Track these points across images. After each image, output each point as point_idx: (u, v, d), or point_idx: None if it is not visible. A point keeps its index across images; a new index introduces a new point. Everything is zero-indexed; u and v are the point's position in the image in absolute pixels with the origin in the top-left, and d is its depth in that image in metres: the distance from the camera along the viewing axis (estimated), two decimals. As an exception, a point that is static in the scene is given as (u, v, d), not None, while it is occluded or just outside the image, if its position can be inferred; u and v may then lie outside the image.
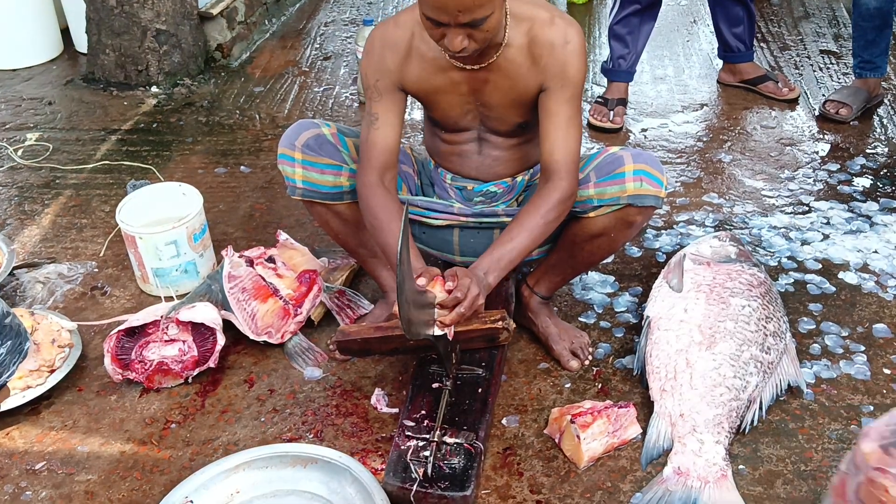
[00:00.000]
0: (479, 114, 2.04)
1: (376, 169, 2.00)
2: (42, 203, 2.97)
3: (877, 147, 3.13)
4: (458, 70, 1.94)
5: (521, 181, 2.15)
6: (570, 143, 1.92)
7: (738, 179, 2.98)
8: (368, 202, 1.99)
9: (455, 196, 2.18)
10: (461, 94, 1.99)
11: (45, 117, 3.51)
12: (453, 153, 2.13)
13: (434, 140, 2.17)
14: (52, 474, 1.98)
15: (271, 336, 2.27)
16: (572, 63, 1.90)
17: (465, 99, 2.00)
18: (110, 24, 3.60)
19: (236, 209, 2.90)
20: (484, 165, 2.12)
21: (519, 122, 2.03)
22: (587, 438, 1.92)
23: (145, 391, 2.18)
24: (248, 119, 3.47)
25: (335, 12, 4.45)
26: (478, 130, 2.08)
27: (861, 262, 2.57)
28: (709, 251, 2.32)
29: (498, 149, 2.10)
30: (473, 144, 2.11)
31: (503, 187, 2.15)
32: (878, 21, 3.11)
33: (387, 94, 1.99)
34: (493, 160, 2.11)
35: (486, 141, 2.09)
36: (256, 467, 1.89)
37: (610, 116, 3.28)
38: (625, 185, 1.96)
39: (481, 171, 2.13)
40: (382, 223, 1.96)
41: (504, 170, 2.13)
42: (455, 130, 2.09)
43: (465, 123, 2.06)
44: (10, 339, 1.13)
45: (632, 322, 2.37)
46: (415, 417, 1.97)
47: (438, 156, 2.18)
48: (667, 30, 4.04)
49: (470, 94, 1.99)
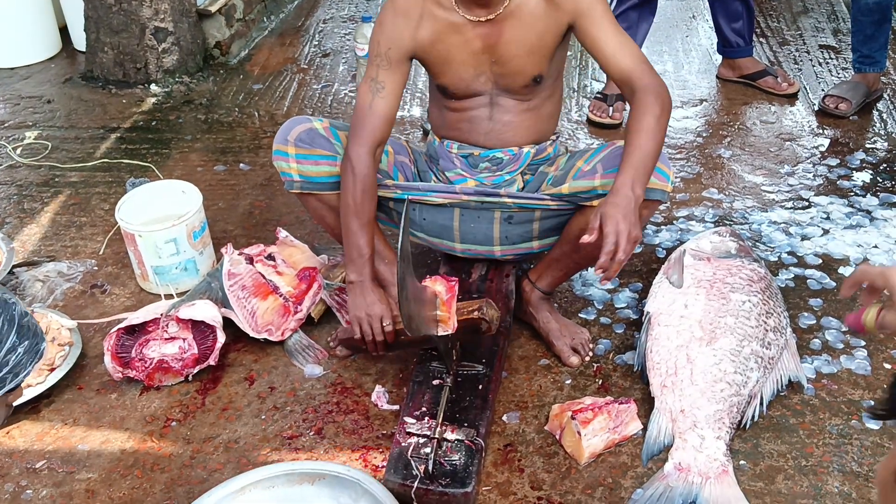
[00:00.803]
0: (492, 74, 2.05)
1: (373, 140, 2.04)
2: (41, 201, 2.96)
3: (876, 142, 3.13)
4: (472, 25, 1.96)
5: (527, 152, 2.14)
6: (629, 48, 1.96)
7: (737, 175, 2.98)
8: (356, 172, 2.02)
9: (461, 165, 2.17)
10: (474, 52, 2.01)
11: (43, 115, 3.51)
12: (463, 120, 2.13)
13: (441, 112, 2.17)
14: (52, 473, 1.98)
15: (271, 333, 2.27)
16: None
17: (478, 58, 2.02)
18: (109, 22, 3.59)
19: (236, 207, 2.90)
20: (494, 131, 2.12)
21: (534, 76, 2.04)
22: (588, 434, 1.92)
23: (145, 389, 2.18)
24: (247, 116, 3.47)
25: (334, 9, 4.44)
26: (490, 94, 2.09)
27: (861, 256, 2.56)
28: (709, 247, 2.31)
29: (509, 113, 2.10)
30: (485, 109, 2.11)
31: (510, 155, 2.14)
32: (877, 16, 3.10)
33: (395, 64, 2.02)
34: (503, 125, 2.11)
35: (498, 105, 2.09)
36: (263, 487, 1.83)
37: (609, 112, 3.27)
38: None
39: (490, 138, 2.13)
40: (359, 204, 2.02)
41: (513, 136, 2.13)
42: (466, 96, 2.09)
43: (477, 87, 2.07)
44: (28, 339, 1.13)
45: (632, 318, 2.36)
46: (415, 414, 1.96)
47: (446, 127, 2.18)
48: (666, 25, 4.04)
49: (484, 52, 2.01)
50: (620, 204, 1.82)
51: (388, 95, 2.03)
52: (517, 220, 2.16)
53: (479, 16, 1.96)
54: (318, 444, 2.02)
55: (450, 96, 2.11)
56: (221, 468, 1.97)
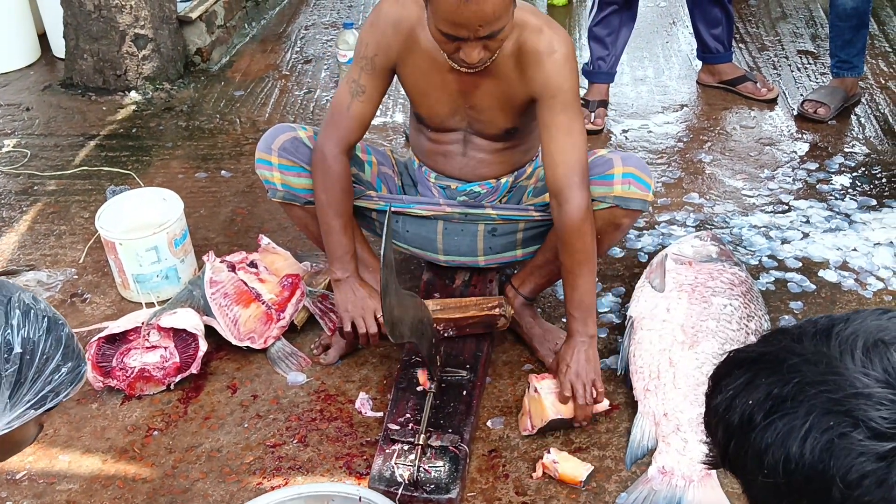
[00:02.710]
0: (466, 115, 2.03)
1: (345, 140, 2.01)
2: (20, 210, 2.94)
3: (855, 146, 3.16)
4: (451, 70, 1.93)
5: (504, 182, 2.15)
6: (570, 154, 1.88)
7: (718, 179, 3.00)
8: (332, 172, 2.00)
9: (438, 195, 2.18)
10: (450, 93, 1.99)
11: (22, 123, 3.48)
12: (437, 152, 2.13)
13: (419, 138, 2.17)
14: (32, 484, 1.95)
15: (254, 341, 2.26)
16: (557, 73, 1.87)
17: (454, 99, 2.00)
18: (88, 28, 3.57)
19: (217, 214, 2.88)
20: (468, 167, 2.12)
21: (507, 128, 2.03)
22: (544, 389, 1.94)
23: (127, 398, 2.16)
24: (228, 123, 3.45)
25: (315, 16, 4.44)
26: (464, 132, 2.08)
27: (841, 259, 2.59)
28: (690, 251, 2.33)
29: (483, 151, 2.10)
30: (458, 146, 2.10)
31: (487, 188, 2.15)
32: (855, 21, 3.14)
33: (379, 71, 1.98)
34: (477, 162, 2.11)
35: (472, 143, 2.09)
36: None
37: (591, 118, 3.28)
38: (613, 186, 1.97)
39: (465, 172, 2.13)
40: (339, 203, 2.02)
41: (488, 171, 2.13)
42: (441, 130, 2.09)
43: (451, 124, 2.06)
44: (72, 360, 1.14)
45: (615, 322, 2.37)
46: (399, 421, 1.96)
47: (423, 154, 2.18)
48: (646, 31, 4.06)
49: (460, 96, 1.99)
50: (577, 350, 1.96)
51: (367, 101, 2.00)
52: (501, 231, 2.16)
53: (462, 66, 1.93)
54: (302, 453, 2.01)
55: (426, 125, 2.10)
56: (204, 477, 1.96)
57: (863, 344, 0.76)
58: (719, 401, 0.84)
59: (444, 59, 1.90)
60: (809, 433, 0.71)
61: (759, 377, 0.80)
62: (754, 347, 0.86)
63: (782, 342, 0.83)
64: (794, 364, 0.78)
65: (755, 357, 0.84)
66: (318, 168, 2.02)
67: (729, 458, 0.83)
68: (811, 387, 0.74)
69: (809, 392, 0.74)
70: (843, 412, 0.71)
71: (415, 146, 2.22)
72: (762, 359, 0.83)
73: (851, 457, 0.69)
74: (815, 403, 0.72)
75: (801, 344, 0.81)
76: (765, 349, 0.84)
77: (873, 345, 0.75)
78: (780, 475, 0.74)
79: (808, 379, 0.75)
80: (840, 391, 0.72)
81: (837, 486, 0.69)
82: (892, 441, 0.69)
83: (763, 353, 0.84)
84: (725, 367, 0.87)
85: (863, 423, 0.70)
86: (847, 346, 0.77)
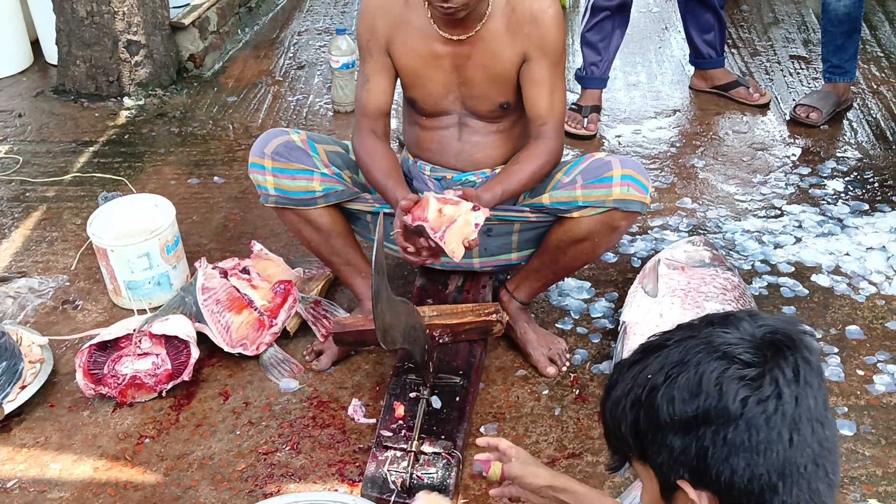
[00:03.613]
0: (460, 94, 2.06)
1: (367, 126, 2.08)
2: (12, 216, 2.93)
3: (847, 150, 3.17)
4: (443, 42, 1.98)
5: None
6: (555, 107, 2.02)
7: (711, 184, 3.01)
8: (363, 145, 2.07)
9: (434, 188, 2.17)
10: (444, 70, 2.02)
11: (14, 130, 3.47)
12: (433, 140, 2.14)
13: (413, 129, 2.18)
14: (23, 492, 1.94)
15: (246, 348, 2.25)
16: (552, 30, 1.96)
17: (447, 77, 2.03)
18: (81, 35, 3.56)
19: (210, 220, 2.88)
20: (464, 152, 2.12)
21: (501, 102, 2.06)
22: None
23: (118, 406, 2.15)
24: (221, 129, 3.45)
25: (308, 21, 4.44)
26: (458, 115, 2.09)
27: (833, 264, 2.59)
28: (683, 256, 2.33)
29: (478, 134, 2.11)
30: (454, 130, 2.11)
31: (482, 178, 2.14)
32: (847, 26, 3.15)
33: (377, 55, 2.06)
34: (472, 146, 2.12)
35: (467, 126, 2.10)
36: None
37: (584, 123, 3.29)
38: (612, 189, 1.97)
39: (461, 160, 2.13)
40: (375, 162, 2.03)
41: (483, 158, 2.13)
42: (435, 113, 2.10)
43: (445, 105, 2.07)
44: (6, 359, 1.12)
45: (608, 327, 2.37)
46: (392, 427, 1.95)
47: (417, 146, 2.18)
48: (639, 37, 4.07)
49: (452, 71, 2.02)
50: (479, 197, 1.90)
51: (374, 87, 2.07)
52: (496, 232, 2.16)
53: (453, 34, 1.97)
54: (294, 460, 2.00)
55: (419, 112, 2.12)
56: (196, 485, 1.95)
57: (721, 321, 1.03)
58: (619, 392, 1.04)
59: (436, 35, 1.97)
60: (702, 376, 0.96)
61: (647, 359, 1.03)
62: (633, 353, 1.07)
63: (656, 341, 1.05)
64: (675, 342, 1.02)
65: (639, 353, 1.06)
66: (354, 153, 2.11)
67: (639, 431, 1.01)
68: (693, 349, 0.99)
69: (693, 352, 0.98)
70: (720, 356, 0.97)
71: (409, 140, 2.22)
72: (644, 350, 1.06)
73: (735, 383, 0.95)
74: (700, 358, 0.97)
75: (673, 336, 1.04)
76: (643, 346, 1.07)
77: (726, 320, 1.02)
78: (689, 413, 0.96)
79: (689, 347, 1.00)
80: (715, 344, 0.98)
81: (732, 403, 0.94)
82: (756, 367, 0.95)
83: (644, 347, 1.06)
84: (612, 376, 1.09)
85: (737, 360, 0.96)
86: (710, 326, 1.02)
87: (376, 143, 2.07)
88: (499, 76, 2.01)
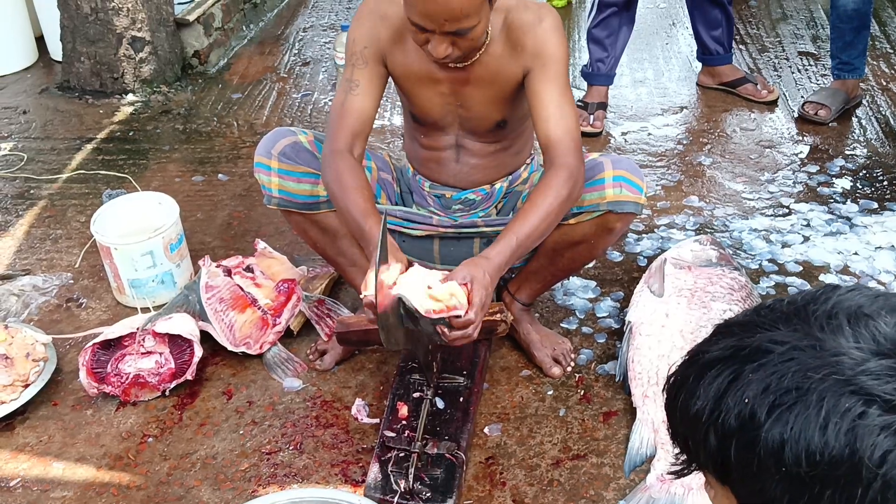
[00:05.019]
0: (458, 115, 2.02)
1: (347, 136, 1.92)
2: (16, 214, 2.92)
3: (856, 148, 3.14)
4: (441, 66, 1.92)
5: (499, 188, 2.14)
6: (566, 119, 1.86)
7: (718, 182, 2.98)
8: (335, 166, 1.88)
9: (433, 204, 2.16)
10: (441, 92, 1.98)
11: (19, 126, 3.47)
12: (431, 160, 2.12)
13: (413, 145, 2.16)
14: (26, 491, 1.94)
15: (250, 347, 2.24)
16: (549, 40, 1.87)
17: (445, 98, 1.99)
18: (85, 31, 3.56)
19: (214, 218, 2.87)
20: (462, 173, 2.11)
21: (498, 121, 2.02)
22: None
23: (122, 405, 2.15)
24: (225, 126, 3.44)
25: (313, 17, 4.42)
26: (456, 136, 2.06)
27: (842, 263, 2.57)
28: (690, 255, 2.31)
29: (475, 156, 2.08)
30: (451, 151, 2.09)
31: (481, 195, 2.13)
32: (857, 22, 3.12)
33: (372, 64, 1.95)
34: (470, 168, 2.10)
35: (464, 147, 2.08)
36: None
37: (590, 120, 3.27)
38: (604, 191, 1.95)
39: (459, 179, 2.12)
40: (346, 189, 1.85)
41: (482, 177, 2.11)
42: (434, 130, 2.07)
43: (444, 123, 2.04)
44: None
45: (614, 327, 2.35)
46: (395, 428, 1.94)
47: (417, 162, 2.17)
48: (646, 33, 4.05)
49: (451, 94, 1.98)
50: (490, 274, 1.73)
51: (363, 94, 1.95)
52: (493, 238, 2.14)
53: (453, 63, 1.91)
54: (298, 460, 1.99)
55: (420, 125, 2.08)
56: (199, 485, 1.94)
57: (847, 320, 0.74)
58: (699, 406, 0.78)
59: None
60: (829, 420, 0.69)
61: (746, 373, 0.76)
62: (718, 345, 0.81)
63: (755, 334, 0.79)
64: (784, 353, 0.75)
65: (729, 354, 0.79)
66: (325, 169, 1.94)
67: (730, 464, 0.77)
68: (813, 372, 0.71)
69: (813, 378, 0.71)
70: (854, 392, 0.69)
71: (409, 154, 2.20)
72: (738, 354, 0.78)
73: (874, 435, 0.68)
74: (824, 388, 0.70)
75: (778, 331, 0.78)
76: (736, 343, 0.79)
77: (856, 319, 0.74)
78: (804, 467, 0.70)
79: (806, 365, 0.72)
80: (845, 372, 0.70)
81: (866, 466, 0.68)
82: None
83: (737, 347, 0.79)
84: (690, 369, 0.82)
85: (877, 399, 0.69)
86: (832, 325, 0.75)
87: (353, 166, 1.89)
88: (497, 95, 1.95)
